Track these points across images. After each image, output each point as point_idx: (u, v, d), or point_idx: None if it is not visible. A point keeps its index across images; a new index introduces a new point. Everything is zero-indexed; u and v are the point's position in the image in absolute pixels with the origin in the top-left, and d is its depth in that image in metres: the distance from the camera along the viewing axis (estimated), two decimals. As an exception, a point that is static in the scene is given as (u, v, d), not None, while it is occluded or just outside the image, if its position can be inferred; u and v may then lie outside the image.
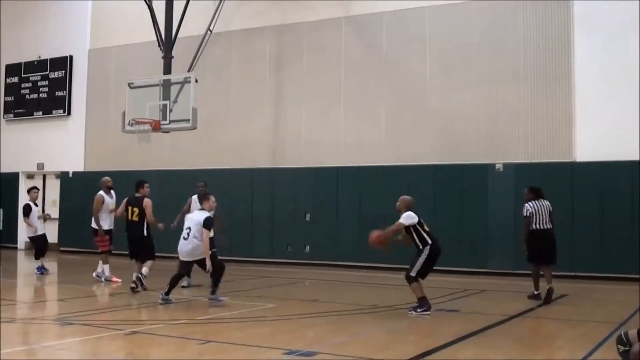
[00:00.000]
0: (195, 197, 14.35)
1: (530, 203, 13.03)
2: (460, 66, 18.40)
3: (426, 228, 11.49)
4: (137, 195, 14.06)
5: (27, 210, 16.63)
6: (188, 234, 11.71)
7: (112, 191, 15.54)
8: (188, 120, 17.18)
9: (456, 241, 17.69)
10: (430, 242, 11.29)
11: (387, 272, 17.73)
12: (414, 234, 11.44)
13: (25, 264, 20.57)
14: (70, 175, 24.17)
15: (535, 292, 12.95)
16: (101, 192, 15.35)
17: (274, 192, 20.46)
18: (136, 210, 13.93)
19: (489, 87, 18.02)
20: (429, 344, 8.45)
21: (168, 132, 18.23)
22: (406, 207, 11.66)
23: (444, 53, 18.67)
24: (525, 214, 13.00)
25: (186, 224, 11.92)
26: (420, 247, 11.38)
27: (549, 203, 13.08)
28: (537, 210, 12.98)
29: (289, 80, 20.70)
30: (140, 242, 13.89)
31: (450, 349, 8.30)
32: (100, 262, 15.35)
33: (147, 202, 13.92)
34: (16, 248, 24.73)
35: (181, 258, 11.92)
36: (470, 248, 17.66)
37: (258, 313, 11.06)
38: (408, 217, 11.45)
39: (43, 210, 20.76)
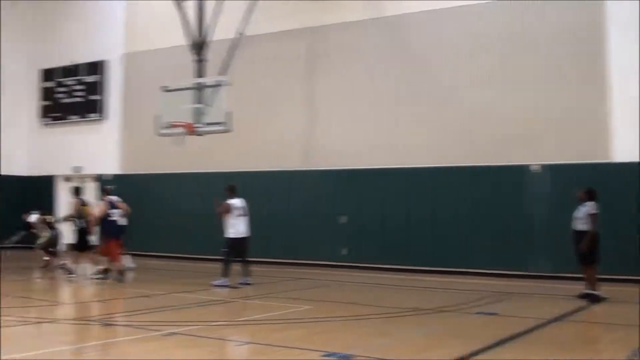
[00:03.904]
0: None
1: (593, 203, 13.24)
2: (495, 66, 18.22)
3: None
4: None
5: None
6: None
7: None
8: (222, 123, 17.26)
9: (493, 244, 17.60)
10: None
11: (427, 275, 17.70)
12: None
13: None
14: (107, 177, 24.36)
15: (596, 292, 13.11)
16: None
17: (308, 195, 20.46)
18: None
19: (525, 86, 17.79)
20: (469, 347, 8.36)
21: (202, 135, 18.29)
22: None
23: (476, 53, 18.50)
24: (596, 211, 13.14)
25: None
26: None
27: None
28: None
29: (320, 81, 20.68)
30: None
31: (489, 353, 8.22)
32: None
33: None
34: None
35: None
36: (508, 250, 17.50)
37: (295, 315, 11.05)
38: None
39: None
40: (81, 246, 16.87)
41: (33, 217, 18.78)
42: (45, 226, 17.93)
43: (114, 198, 16.96)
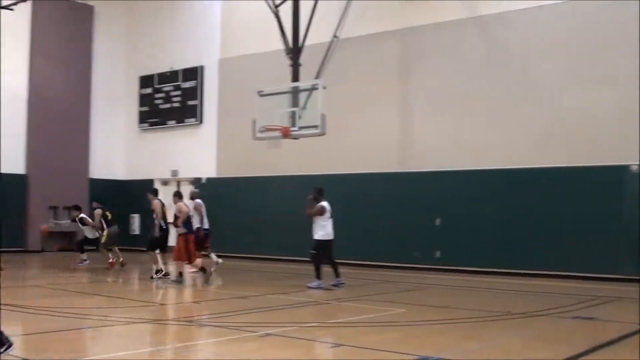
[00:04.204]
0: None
1: None
2: (592, 64, 17.79)
3: None
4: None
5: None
6: None
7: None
8: (317, 126, 17.36)
9: (587, 246, 17.19)
10: None
11: (518, 278, 17.45)
12: None
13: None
14: (204, 181, 24.92)
15: None
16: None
17: (402, 197, 20.42)
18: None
19: (621, 84, 17.31)
20: (565, 351, 8.21)
21: (297, 138, 18.47)
22: None
23: (572, 51, 18.11)
24: None
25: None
26: None
27: None
28: None
29: (414, 83, 20.63)
30: None
31: (590, 356, 8.05)
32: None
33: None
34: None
35: None
36: (602, 253, 17.08)
37: (388, 318, 11.08)
38: None
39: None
40: (161, 247, 17.33)
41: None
42: (99, 224, 18.82)
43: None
